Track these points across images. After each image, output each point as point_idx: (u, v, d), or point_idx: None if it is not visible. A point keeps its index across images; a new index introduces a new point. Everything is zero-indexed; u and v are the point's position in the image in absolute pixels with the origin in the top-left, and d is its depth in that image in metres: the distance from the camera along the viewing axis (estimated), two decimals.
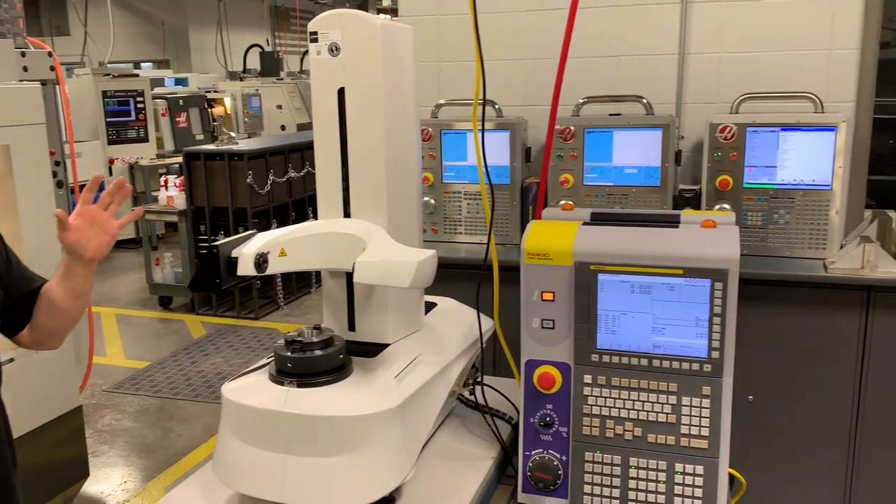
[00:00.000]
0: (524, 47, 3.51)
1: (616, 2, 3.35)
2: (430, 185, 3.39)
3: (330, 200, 1.73)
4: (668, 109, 3.30)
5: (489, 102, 3.41)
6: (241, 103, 10.82)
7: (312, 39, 1.69)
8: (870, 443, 2.82)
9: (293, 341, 1.56)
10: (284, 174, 6.50)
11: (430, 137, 3.35)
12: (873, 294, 2.71)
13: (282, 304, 6.50)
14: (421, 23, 3.61)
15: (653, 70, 3.33)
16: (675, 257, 1.59)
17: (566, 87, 3.36)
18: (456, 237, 3.41)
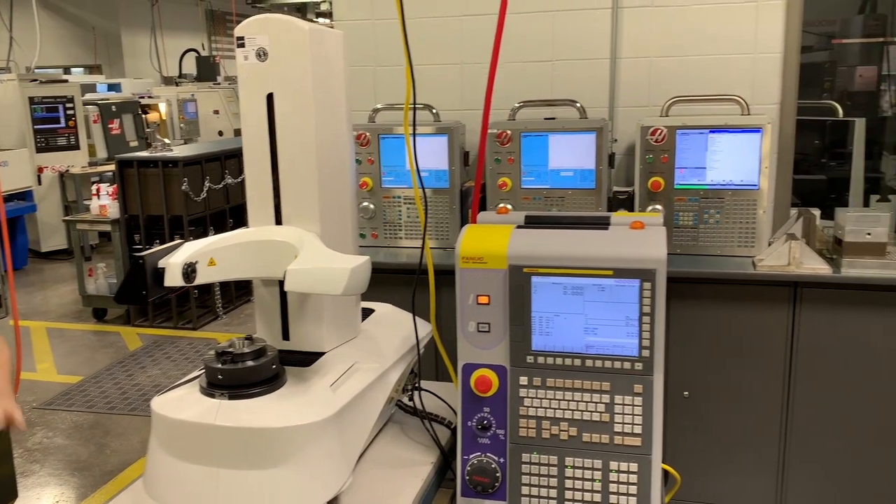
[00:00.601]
0: (460, 52, 3.52)
1: (550, 7, 3.39)
2: (370, 190, 3.37)
3: (261, 207, 1.70)
4: (602, 113, 3.35)
5: (427, 107, 3.42)
6: (177, 109, 10.60)
7: (239, 44, 1.66)
8: (799, 433, 2.92)
9: (224, 353, 1.53)
10: (221, 180, 6.38)
11: (367, 142, 3.33)
12: (799, 289, 2.80)
13: (221, 313, 6.38)
14: (356, 27, 3.60)
15: (586, 74, 3.39)
16: (604, 259, 1.62)
17: (503, 92, 3.42)
18: (397, 242, 3.40)
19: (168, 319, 6.31)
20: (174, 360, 5.51)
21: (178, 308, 6.27)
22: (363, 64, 3.62)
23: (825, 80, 5.97)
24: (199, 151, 6.53)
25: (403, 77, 1.84)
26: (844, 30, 6.15)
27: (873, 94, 5.83)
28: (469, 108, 3.53)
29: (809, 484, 2.96)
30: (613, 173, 3.34)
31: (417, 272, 1.84)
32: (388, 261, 3.22)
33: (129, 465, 4.02)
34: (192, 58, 13.42)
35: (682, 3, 3.23)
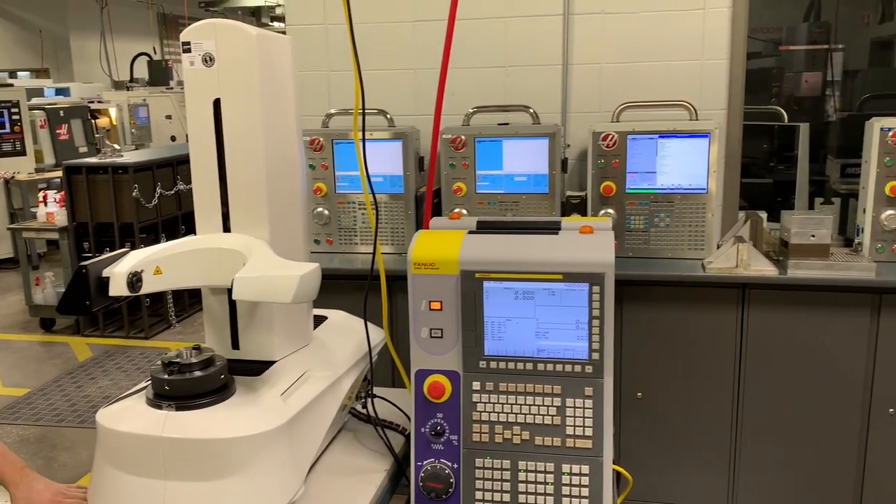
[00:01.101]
0: (414, 57, 3.52)
1: (502, 13, 3.41)
2: (324, 196, 3.34)
3: (208, 215, 1.68)
4: (554, 118, 3.39)
5: (381, 112, 3.41)
6: (128, 114, 10.38)
7: (185, 49, 1.64)
8: (749, 431, 2.98)
9: (171, 363, 1.50)
10: (173, 187, 6.27)
11: (321, 147, 3.31)
12: (747, 291, 2.87)
13: (174, 321, 6.26)
14: (308, 32, 3.57)
15: (539, 80, 3.42)
16: (554, 263, 1.63)
17: (457, 97, 3.43)
18: (353, 248, 3.38)
19: (119, 329, 6.17)
20: (125, 371, 5.39)
21: (130, 317, 6.14)
22: (316, 69, 3.60)
23: (773, 86, 6.12)
24: (151, 157, 6.42)
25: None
26: (790, 37, 6.32)
27: (818, 98, 6.00)
28: (423, 113, 3.53)
29: (759, 481, 3.02)
30: (567, 178, 3.37)
31: (369, 278, 1.83)
32: (343, 267, 3.20)
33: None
34: (143, 62, 13.16)
35: (632, 9, 3.28)
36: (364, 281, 1.85)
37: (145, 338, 6.04)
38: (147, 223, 6.03)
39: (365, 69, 3.55)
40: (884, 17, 6.71)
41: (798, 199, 3.85)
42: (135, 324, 6.15)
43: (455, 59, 3.39)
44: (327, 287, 2.55)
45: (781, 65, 6.24)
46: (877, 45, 6.74)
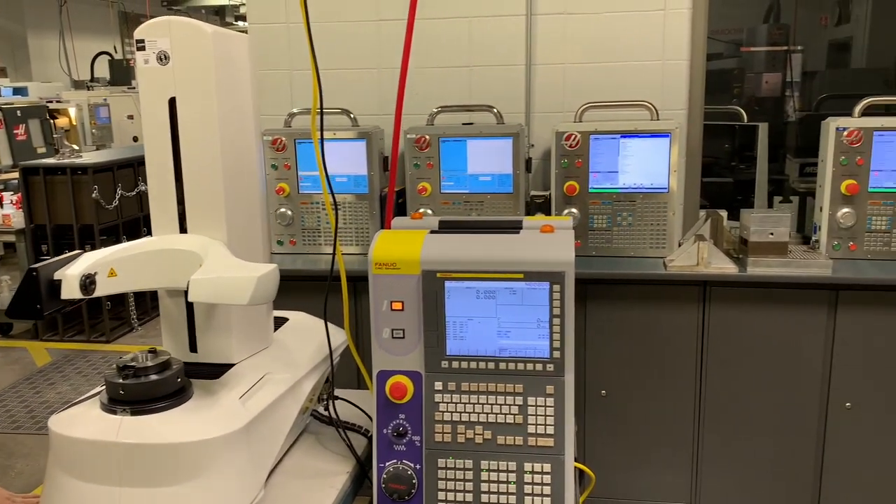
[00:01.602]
0: (377, 56, 3.51)
1: (466, 13, 3.42)
2: (287, 196, 3.31)
3: (164, 215, 1.65)
4: (518, 118, 3.40)
5: (344, 111, 3.39)
6: (88, 114, 10.18)
7: (139, 47, 1.61)
8: (711, 427, 3.02)
9: (126, 367, 1.47)
10: (134, 188, 6.17)
11: (284, 147, 3.27)
12: (708, 288, 2.90)
13: (136, 324, 6.16)
14: (270, 31, 3.54)
15: (502, 80, 3.42)
16: (515, 262, 1.63)
17: (421, 97, 3.43)
18: (317, 248, 3.36)
19: (80, 332, 6.05)
20: (86, 376, 5.29)
21: (91, 320, 6.02)
22: (279, 68, 3.56)
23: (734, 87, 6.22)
24: (111, 158, 6.31)
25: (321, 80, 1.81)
26: (751, 38, 6.43)
27: (778, 99, 6.11)
28: (388, 112, 3.51)
29: (722, 476, 3.06)
30: (531, 177, 3.38)
31: (329, 279, 1.81)
32: (307, 268, 3.17)
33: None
34: (104, 61, 12.92)
35: (594, 10, 3.30)
36: (324, 282, 1.83)
37: (106, 341, 5.93)
38: (108, 225, 5.92)
39: (328, 68, 3.54)
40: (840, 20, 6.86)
41: (757, 198, 3.92)
42: (95, 327, 6.04)
43: (419, 59, 3.41)
44: (291, 288, 2.53)
45: (742, 66, 6.34)
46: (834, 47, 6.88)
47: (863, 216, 2.96)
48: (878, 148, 2.92)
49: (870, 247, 2.98)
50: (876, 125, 2.92)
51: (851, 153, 2.93)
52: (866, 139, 2.92)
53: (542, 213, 3.21)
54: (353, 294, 2.94)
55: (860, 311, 2.83)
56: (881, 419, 2.91)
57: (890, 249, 2.97)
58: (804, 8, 6.93)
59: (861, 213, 2.96)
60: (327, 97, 3.48)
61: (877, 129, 2.91)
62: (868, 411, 2.91)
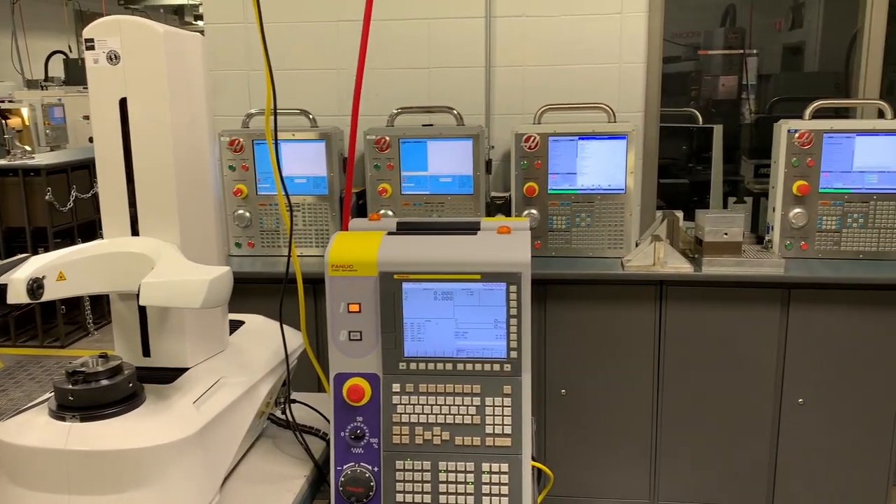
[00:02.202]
0: (337, 57, 3.50)
1: (425, 15, 3.42)
2: (245, 198, 3.28)
3: (115, 218, 1.62)
4: (478, 120, 3.41)
5: (303, 112, 3.37)
6: (42, 114, 9.94)
7: (88, 47, 1.58)
8: (669, 424, 3.06)
9: (75, 372, 1.44)
10: (90, 190, 6.05)
11: (241, 148, 3.24)
12: (665, 287, 2.95)
13: (91, 329, 6.03)
14: (228, 31, 3.50)
15: (462, 82, 3.44)
16: (472, 263, 1.64)
17: (381, 98, 3.42)
18: (276, 250, 3.33)
19: (33, 338, 5.90)
20: (39, 382, 5.17)
21: (45, 325, 5.88)
22: (236, 68, 3.53)
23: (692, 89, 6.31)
24: (65, 159, 6.17)
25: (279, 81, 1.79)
26: (708, 41, 6.54)
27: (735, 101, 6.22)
28: (348, 113, 3.46)
29: (679, 472, 3.11)
30: (491, 179, 3.40)
31: (284, 280, 1.80)
32: (266, 270, 3.15)
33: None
34: (59, 60, 12.63)
35: (552, 13, 3.33)
36: (287, 284, 1.82)
37: (61, 346, 5.80)
38: (62, 227, 5.79)
39: (287, 69, 3.52)
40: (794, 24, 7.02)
41: (713, 199, 3.99)
42: (49, 332, 5.90)
43: (378, 60, 3.40)
44: (249, 291, 2.51)
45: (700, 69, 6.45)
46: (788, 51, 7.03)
47: (814, 216, 3.03)
48: (828, 150, 3.00)
49: (820, 246, 3.05)
50: (826, 127, 2.99)
51: (802, 155, 3.00)
52: (817, 141, 2.99)
53: (503, 214, 3.23)
54: (314, 296, 2.92)
55: (812, 309, 2.90)
56: (833, 415, 2.98)
57: (840, 249, 3.04)
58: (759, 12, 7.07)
59: (812, 213, 3.03)
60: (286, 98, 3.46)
61: (826, 131, 2.99)
62: (820, 407, 2.98)
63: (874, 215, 3.01)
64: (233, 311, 1.93)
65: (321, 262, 1.69)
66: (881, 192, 3.00)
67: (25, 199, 5.60)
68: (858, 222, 3.02)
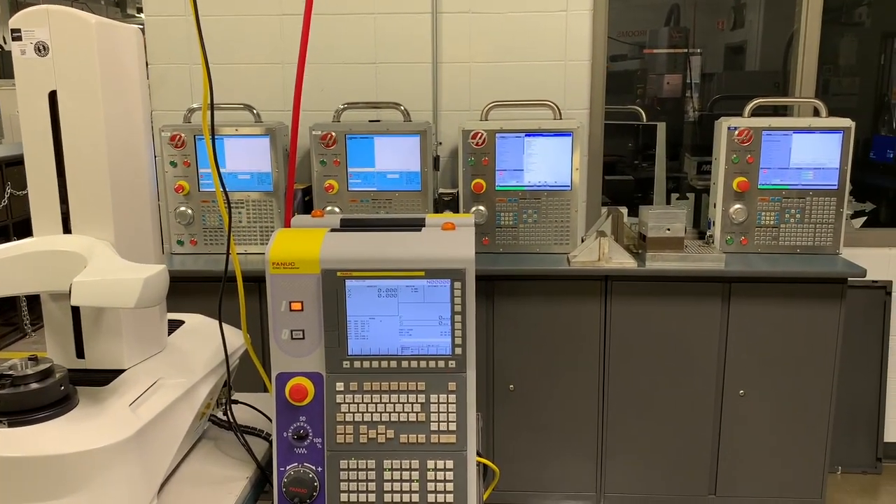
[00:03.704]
0: (281, 51, 3.44)
1: (372, 9, 3.39)
2: (187, 194, 3.21)
3: (46, 215, 1.56)
4: (426, 116, 3.40)
5: (247, 107, 3.31)
6: None
7: (15, 37, 1.51)
8: (614, 417, 3.11)
9: (2, 376, 1.39)
10: (26, 186, 5.85)
11: (183, 144, 3.17)
12: (609, 282, 2.99)
13: (29, 330, 5.84)
14: (169, 23, 3.42)
15: (409, 77, 3.42)
16: (416, 260, 1.63)
17: (327, 93, 3.39)
18: (220, 248, 3.26)
19: None
20: None
21: None
22: (178, 62, 3.45)
23: (637, 87, 6.41)
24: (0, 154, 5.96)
25: (222, 75, 1.76)
26: (653, 40, 6.64)
27: (679, 100, 6.33)
28: (290, 108, 3.45)
29: (624, 464, 3.16)
30: (439, 175, 3.40)
31: (224, 278, 1.76)
32: (208, 268, 3.08)
33: None
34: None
35: (498, 10, 3.34)
36: (230, 283, 1.78)
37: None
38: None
39: (230, 63, 3.45)
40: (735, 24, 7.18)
41: (656, 195, 4.06)
42: None
43: (323, 54, 3.37)
44: (191, 290, 2.45)
45: (645, 67, 6.55)
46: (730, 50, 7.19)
47: (753, 212, 3.11)
48: (767, 147, 3.08)
49: (760, 241, 3.13)
50: (764, 125, 3.07)
51: (742, 152, 3.08)
52: (756, 138, 3.07)
53: (451, 211, 3.23)
54: (258, 295, 2.87)
55: (751, 302, 2.98)
56: (772, 405, 3.06)
57: (778, 244, 3.13)
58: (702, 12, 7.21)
59: (752, 208, 3.11)
60: (230, 92, 3.40)
61: (765, 128, 3.07)
62: (760, 398, 3.06)
63: (810, 211, 3.10)
64: (174, 310, 1.88)
65: (263, 260, 1.66)
66: (817, 189, 3.10)
67: None
68: (795, 217, 3.11)
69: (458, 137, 3.12)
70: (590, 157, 3.39)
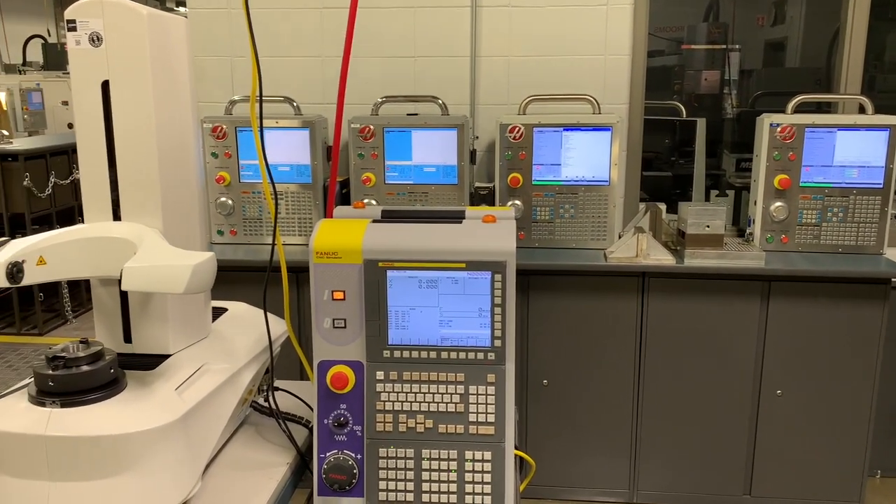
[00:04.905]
0: (321, 45, 3.47)
1: (411, 3, 3.41)
2: (227, 185, 3.26)
3: (96, 203, 1.60)
4: (463, 110, 3.41)
5: (287, 100, 3.34)
6: (20, 99, 9.80)
7: (70, 28, 1.55)
8: (649, 415, 3.09)
9: (55, 357, 1.43)
10: (69, 176, 5.97)
11: (224, 135, 3.21)
12: (647, 279, 2.97)
13: (70, 317, 5.97)
14: (212, 16, 3.47)
15: (447, 71, 3.43)
16: (457, 252, 1.63)
17: (366, 87, 3.41)
18: (258, 238, 3.31)
19: (10, 325, 5.84)
20: (16, 369, 5.11)
21: (22, 312, 5.81)
22: (220, 54, 3.50)
23: (675, 83, 6.35)
24: (44, 144, 6.09)
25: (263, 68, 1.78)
26: (691, 36, 6.57)
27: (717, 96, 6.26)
28: (331, 101, 3.49)
29: (659, 463, 3.14)
30: (475, 169, 3.40)
31: (268, 268, 1.79)
32: (248, 258, 3.13)
33: None
34: (37, 44, 12.45)
35: (538, 3, 3.33)
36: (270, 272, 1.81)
37: (39, 334, 5.74)
38: (40, 214, 5.72)
39: (272, 56, 3.49)
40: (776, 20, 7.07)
41: (695, 192, 4.01)
42: (27, 319, 5.84)
43: (363, 48, 3.39)
44: (231, 279, 2.49)
45: (683, 63, 6.48)
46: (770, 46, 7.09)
47: (794, 210, 3.06)
48: (809, 144, 3.03)
49: (800, 239, 3.09)
50: (807, 122, 3.02)
51: (784, 149, 3.03)
52: (798, 135, 3.02)
53: (486, 205, 3.23)
54: (296, 285, 2.91)
55: (791, 301, 2.94)
56: (810, 406, 3.02)
57: (819, 242, 3.08)
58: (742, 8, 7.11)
59: (793, 206, 3.06)
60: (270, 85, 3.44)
61: (808, 125, 3.02)
62: (798, 398, 3.02)
63: (853, 209, 3.04)
64: (214, 298, 1.91)
65: (303, 251, 1.68)
66: (861, 187, 3.04)
67: (3, 185, 5.52)
68: (838, 216, 3.05)
69: (495, 131, 3.12)
70: (629, 152, 3.36)
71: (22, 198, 5.54)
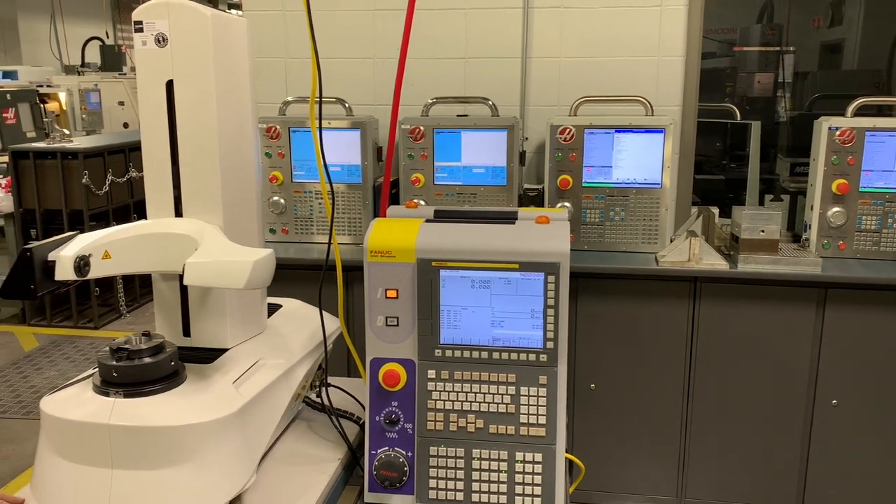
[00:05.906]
0: (372, 46, 3.50)
1: (462, 5, 3.41)
2: (280, 184, 3.31)
3: (160, 199, 1.64)
4: (513, 111, 3.40)
5: (339, 101, 3.38)
6: (79, 99, 10.10)
7: (137, 29, 1.60)
8: (699, 421, 3.04)
9: (119, 349, 1.47)
10: (125, 174, 6.13)
11: (278, 135, 3.27)
12: (699, 284, 2.92)
13: (124, 311, 6.12)
14: (266, 18, 3.53)
15: (498, 73, 3.43)
16: (510, 252, 1.64)
17: (417, 88, 3.42)
18: (309, 237, 3.35)
19: (67, 318, 6.01)
20: (73, 361, 5.26)
21: (79, 306, 5.99)
22: (274, 56, 3.55)
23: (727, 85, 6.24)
24: (102, 143, 6.26)
25: None
26: (744, 38, 6.45)
27: (770, 99, 6.13)
28: (382, 103, 3.52)
29: (708, 470, 3.08)
30: (524, 171, 3.39)
31: (324, 266, 1.81)
32: (300, 257, 3.17)
33: (21, 472, 3.81)
34: (95, 46, 12.81)
35: (591, 5, 3.31)
36: (319, 271, 1.84)
37: (94, 328, 5.90)
38: (97, 210, 5.88)
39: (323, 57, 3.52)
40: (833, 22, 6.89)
41: (749, 196, 3.94)
42: (83, 313, 6.01)
43: (414, 49, 3.40)
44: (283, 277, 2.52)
45: (735, 65, 6.37)
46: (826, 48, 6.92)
47: (853, 215, 2.98)
48: (870, 148, 2.95)
49: (859, 246, 3.00)
50: (868, 125, 2.94)
51: (843, 153, 2.95)
52: (858, 139, 2.94)
53: (536, 207, 3.22)
54: (345, 284, 2.93)
55: (848, 309, 2.86)
56: (866, 417, 2.94)
57: (879, 249, 2.99)
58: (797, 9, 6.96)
59: (851, 212, 2.98)
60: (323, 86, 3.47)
61: (869, 129, 2.94)
62: (854, 409, 2.93)
63: None
64: (268, 295, 1.95)
65: (352, 250, 1.70)
66: None
67: (63, 182, 5.70)
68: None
69: (545, 133, 3.11)
70: (681, 154, 3.31)
71: (80, 195, 5.70)
